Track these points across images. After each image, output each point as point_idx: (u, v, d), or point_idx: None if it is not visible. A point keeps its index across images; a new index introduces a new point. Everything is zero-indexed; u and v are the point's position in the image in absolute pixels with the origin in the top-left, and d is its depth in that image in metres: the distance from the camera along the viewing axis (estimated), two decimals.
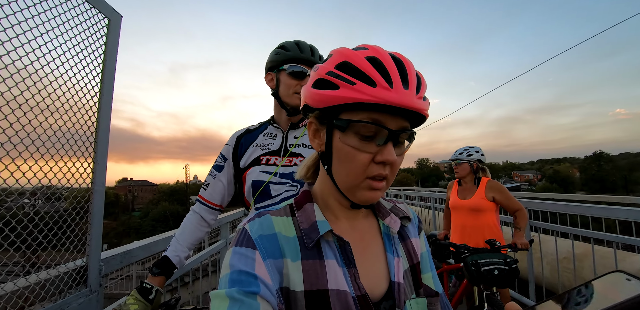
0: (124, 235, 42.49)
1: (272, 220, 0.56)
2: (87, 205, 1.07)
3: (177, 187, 68.63)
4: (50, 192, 1.00)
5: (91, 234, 1.08)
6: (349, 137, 0.51)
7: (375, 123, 0.49)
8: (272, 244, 0.52)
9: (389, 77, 0.48)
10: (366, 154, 0.50)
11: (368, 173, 0.51)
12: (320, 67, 0.53)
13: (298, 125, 1.23)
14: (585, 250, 3.26)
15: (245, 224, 0.56)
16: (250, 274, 0.47)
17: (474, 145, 2.69)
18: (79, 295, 1.04)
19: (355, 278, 0.54)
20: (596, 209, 2.65)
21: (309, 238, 0.54)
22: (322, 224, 0.55)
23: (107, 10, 1.14)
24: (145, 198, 67.61)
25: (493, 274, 1.90)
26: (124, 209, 59.37)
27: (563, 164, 75.95)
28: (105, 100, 1.16)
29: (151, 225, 44.07)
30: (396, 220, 0.64)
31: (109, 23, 1.16)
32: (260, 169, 1.17)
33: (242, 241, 0.52)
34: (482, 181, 2.58)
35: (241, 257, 0.50)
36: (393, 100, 0.47)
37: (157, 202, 55.64)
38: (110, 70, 1.17)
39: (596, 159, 57.01)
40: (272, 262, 0.51)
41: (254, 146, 1.23)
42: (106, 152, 1.14)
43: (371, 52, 0.51)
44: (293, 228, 0.56)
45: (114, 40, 1.18)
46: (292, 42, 1.17)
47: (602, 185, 51.56)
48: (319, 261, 0.53)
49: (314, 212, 0.57)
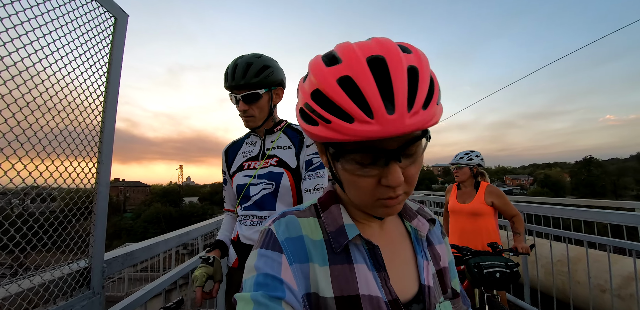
0: (115, 236, 41.82)
1: (299, 222, 0.55)
2: (91, 206, 1.06)
3: (170, 188, 67.93)
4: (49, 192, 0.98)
5: (95, 235, 1.06)
6: (348, 163, 0.47)
7: (368, 150, 0.44)
8: (298, 247, 0.51)
9: (366, 104, 0.41)
10: (369, 178, 0.46)
11: (377, 196, 0.47)
12: (302, 91, 0.48)
13: (273, 131, 1.37)
14: (578, 254, 3.31)
15: (270, 225, 0.54)
16: (277, 278, 0.46)
17: (474, 150, 2.70)
18: (82, 297, 1.02)
19: (386, 282, 0.52)
20: (589, 213, 2.69)
21: (336, 242, 0.52)
22: (350, 227, 0.53)
23: (114, 9, 1.13)
24: (138, 199, 66.79)
25: (495, 277, 1.93)
26: (116, 210, 58.45)
27: (554, 168, 76.92)
28: (111, 99, 1.15)
29: (143, 226, 43.46)
30: (424, 223, 0.62)
31: (116, 22, 1.15)
32: (242, 174, 1.33)
33: (268, 243, 0.51)
34: (482, 186, 2.60)
35: (267, 260, 0.49)
36: (375, 135, 0.40)
37: (149, 203, 54.91)
38: (116, 69, 1.16)
39: (586, 164, 57.85)
40: (298, 267, 0.49)
41: (239, 154, 1.39)
42: (111, 153, 1.13)
43: (343, 67, 0.43)
44: (320, 230, 0.54)
45: (120, 40, 1.17)
46: (226, 69, 1.26)
47: (592, 190, 52.30)
48: (348, 266, 0.51)
49: (340, 215, 0.55)
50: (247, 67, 1.21)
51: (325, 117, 0.43)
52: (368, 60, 0.43)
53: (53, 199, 0.95)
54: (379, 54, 0.43)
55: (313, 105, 0.45)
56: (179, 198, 60.48)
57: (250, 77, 1.20)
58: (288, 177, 1.26)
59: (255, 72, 1.22)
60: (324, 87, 0.43)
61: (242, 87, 1.21)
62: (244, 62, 1.22)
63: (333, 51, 0.47)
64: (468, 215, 2.58)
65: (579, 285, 3.31)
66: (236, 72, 1.21)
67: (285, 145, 1.32)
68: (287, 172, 1.27)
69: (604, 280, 3.02)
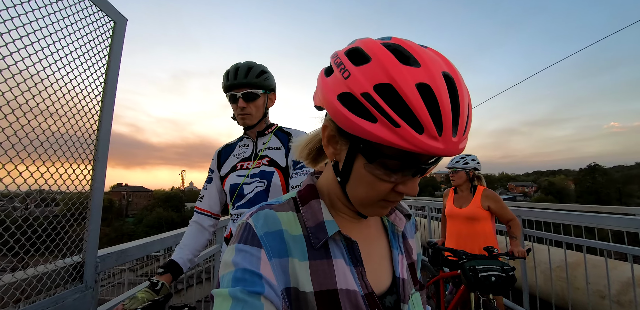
0: (116, 241, 41.72)
1: (277, 216, 0.54)
2: (87, 201, 1.09)
3: (173, 193, 68.02)
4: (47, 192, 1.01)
5: (89, 230, 1.09)
6: (376, 166, 0.46)
7: (407, 160, 0.44)
8: (277, 242, 0.51)
9: (440, 120, 0.40)
10: (389, 183, 0.47)
11: (385, 198, 0.49)
12: (353, 76, 0.43)
13: (264, 133, 1.44)
14: (577, 259, 3.28)
15: (248, 219, 0.53)
16: (255, 273, 0.46)
17: (470, 154, 2.72)
18: (75, 290, 1.04)
19: (363, 276, 0.53)
20: (587, 217, 2.68)
21: (316, 238, 0.52)
22: (330, 224, 0.54)
23: (113, 13, 1.17)
24: (140, 204, 66.84)
25: (490, 281, 1.92)
26: (118, 215, 58.51)
27: (558, 176, 76.30)
28: (108, 104, 1.18)
29: (145, 231, 43.39)
30: (401, 218, 0.64)
31: (115, 26, 1.20)
32: (236, 174, 1.37)
33: (247, 238, 0.50)
34: (478, 190, 2.61)
35: (246, 255, 0.48)
36: (437, 152, 0.40)
37: (151, 208, 54.98)
38: (113, 73, 1.20)
39: (591, 172, 57.33)
40: (277, 262, 0.49)
41: (232, 156, 1.45)
42: (106, 152, 1.17)
43: (424, 73, 0.41)
44: (299, 225, 0.54)
45: (118, 44, 1.21)
46: (225, 72, 1.36)
47: (596, 198, 51.71)
48: (326, 261, 0.52)
49: (320, 211, 0.55)
50: (249, 69, 1.33)
51: (393, 118, 0.40)
52: (443, 75, 0.42)
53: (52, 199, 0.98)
54: (447, 72, 0.43)
55: (378, 99, 0.41)
56: (181, 203, 60.49)
57: (252, 78, 1.32)
58: (279, 175, 1.33)
59: (255, 74, 1.33)
60: (401, 86, 0.40)
61: (244, 85, 1.31)
62: (246, 65, 1.34)
63: (399, 47, 0.44)
64: (465, 219, 2.58)
65: (578, 291, 3.28)
66: (238, 72, 1.32)
67: (275, 146, 1.40)
68: (277, 170, 1.33)
69: (603, 286, 2.99)
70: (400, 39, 0.46)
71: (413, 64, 0.42)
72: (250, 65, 1.34)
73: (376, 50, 0.44)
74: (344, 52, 0.48)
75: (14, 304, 0.83)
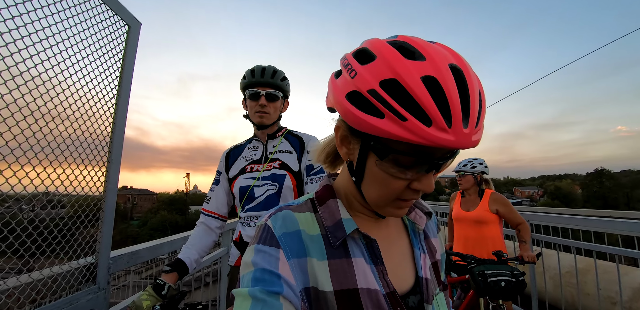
0: (121, 244, 41.86)
1: (295, 216, 0.54)
2: (100, 203, 1.10)
3: (177, 196, 68.27)
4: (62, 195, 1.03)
5: (102, 232, 1.10)
6: (388, 163, 0.46)
7: (419, 156, 0.43)
8: (296, 242, 0.51)
9: (448, 111, 0.40)
10: (403, 181, 0.47)
11: (400, 196, 0.49)
12: (359, 75, 0.44)
13: (275, 136, 1.44)
14: (587, 265, 3.23)
15: (267, 220, 0.54)
16: (274, 273, 0.46)
17: (477, 157, 2.70)
18: (88, 291, 1.05)
19: (384, 275, 0.53)
20: (596, 222, 2.64)
21: (334, 237, 0.52)
22: (347, 222, 0.53)
23: (127, 17, 1.19)
24: (145, 207, 67.19)
25: (500, 286, 1.89)
26: (123, 218, 58.81)
27: (564, 180, 75.51)
28: (122, 107, 1.20)
29: (149, 234, 43.54)
30: (422, 216, 0.63)
31: (129, 30, 1.21)
32: (245, 176, 1.37)
33: (265, 239, 0.51)
34: (486, 193, 2.59)
35: (265, 256, 0.48)
36: (448, 144, 0.40)
37: (156, 211, 55.17)
38: (127, 76, 1.22)
39: (598, 176, 56.70)
40: (296, 262, 0.49)
41: (241, 158, 1.44)
42: (120, 154, 1.18)
43: (429, 66, 0.41)
44: (317, 225, 0.54)
45: (132, 47, 1.23)
46: (249, 69, 1.38)
47: (604, 203, 51.03)
48: (346, 260, 0.52)
49: (338, 210, 0.55)
50: (274, 72, 1.37)
51: (399, 112, 0.40)
52: (450, 67, 0.42)
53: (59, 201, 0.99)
54: (455, 64, 0.42)
55: (384, 95, 0.41)
56: (185, 206, 60.68)
57: (277, 79, 1.36)
58: (291, 179, 1.33)
59: (280, 77, 1.38)
60: (406, 80, 0.40)
61: (269, 85, 1.35)
62: (272, 67, 1.38)
63: (404, 43, 0.44)
64: (472, 223, 2.56)
65: (589, 297, 3.23)
66: (265, 72, 1.35)
67: (287, 150, 1.40)
68: (289, 174, 1.33)
69: (614, 292, 2.94)
70: (407, 36, 0.46)
71: (418, 58, 0.42)
72: (275, 69, 1.39)
73: (381, 48, 0.44)
74: (352, 53, 0.48)
75: (29, 304, 0.84)
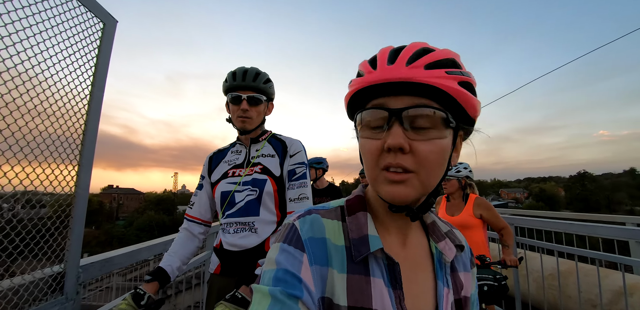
0: (106, 244, 41.08)
1: (323, 222, 0.54)
2: (69, 209, 1.04)
3: (165, 196, 67.20)
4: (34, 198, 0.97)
5: (71, 239, 1.04)
6: (364, 129, 0.50)
7: (373, 107, 0.49)
8: (320, 249, 0.50)
9: (375, 62, 0.49)
10: (375, 141, 0.48)
11: (380, 164, 0.48)
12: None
13: (258, 140, 1.40)
14: (569, 268, 3.28)
15: (295, 220, 0.53)
16: (296, 276, 0.46)
17: (462, 162, 2.71)
18: (55, 303, 0.99)
19: (401, 301, 0.50)
20: (579, 227, 2.68)
21: (357, 251, 0.51)
22: (373, 239, 0.51)
23: (102, 14, 1.14)
24: (131, 207, 65.99)
25: (482, 290, 1.90)
26: (108, 218, 57.61)
27: (549, 182, 77.24)
28: (95, 104, 1.15)
29: (135, 234, 42.79)
30: (451, 247, 0.58)
31: (104, 27, 1.17)
32: (227, 181, 1.33)
33: (292, 239, 0.50)
34: (470, 198, 2.60)
35: (289, 256, 0.48)
36: (373, 78, 0.47)
37: (142, 211, 54.24)
38: (101, 75, 1.17)
39: (580, 179, 58.22)
40: (318, 269, 0.49)
41: (224, 162, 1.40)
42: (92, 156, 1.12)
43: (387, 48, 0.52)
44: (342, 235, 0.53)
45: (107, 45, 1.18)
46: (231, 72, 1.34)
47: (586, 205, 52.45)
48: (365, 277, 0.50)
49: (366, 224, 0.54)
50: (257, 74, 1.31)
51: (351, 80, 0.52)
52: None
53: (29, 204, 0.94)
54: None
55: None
56: (173, 206, 59.77)
57: (259, 82, 1.31)
58: (271, 183, 1.29)
59: (263, 80, 1.32)
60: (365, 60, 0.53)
61: (250, 88, 1.30)
62: (254, 70, 1.33)
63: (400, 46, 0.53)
64: (457, 227, 2.56)
65: (570, 299, 3.28)
66: (247, 74, 1.30)
67: (269, 154, 1.36)
68: (270, 179, 1.29)
69: (594, 294, 2.99)
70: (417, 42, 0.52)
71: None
72: (258, 71, 1.33)
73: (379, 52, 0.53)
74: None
75: None
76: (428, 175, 0.47)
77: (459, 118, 0.50)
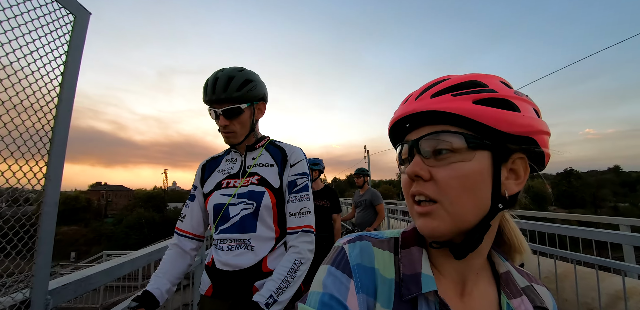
0: (94, 242, 40.42)
1: (374, 251, 0.51)
2: (35, 228, 0.91)
3: (155, 193, 66.25)
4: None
5: (36, 263, 0.91)
6: (399, 165, 0.53)
7: (397, 144, 0.53)
8: (368, 278, 0.48)
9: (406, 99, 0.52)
10: (404, 175, 0.49)
11: (410, 191, 0.48)
12: None
13: (254, 147, 1.28)
14: (565, 270, 3.27)
15: (345, 244, 0.52)
16: (341, 303, 0.44)
17: None
18: None
19: None
20: (576, 231, 2.69)
21: (407, 289, 0.46)
22: (427, 279, 0.46)
23: (72, 6, 1.02)
24: (120, 204, 64.90)
25: None
26: (96, 215, 56.58)
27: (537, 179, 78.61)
28: (66, 100, 1.02)
29: (124, 232, 42.13)
30: (528, 307, 0.49)
31: (75, 20, 1.04)
32: (220, 192, 1.21)
33: (340, 263, 0.49)
34: None
35: (335, 281, 0.47)
36: (399, 113, 0.49)
37: (132, 208, 53.36)
38: (73, 69, 1.04)
39: (566, 176, 59.37)
40: (364, 298, 0.46)
41: (217, 171, 1.28)
42: (62, 166, 0.99)
43: None
44: (392, 268, 0.50)
45: (79, 38, 1.05)
46: (205, 82, 1.19)
47: (572, 201, 53.59)
48: None
49: (420, 261, 0.49)
50: (229, 80, 1.14)
51: None
52: None
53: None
54: None
55: None
56: (163, 203, 59.01)
57: (232, 91, 1.14)
58: (270, 196, 1.16)
59: (237, 86, 1.15)
60: None
61: (223, 101, 1.14)
62: (225, 76, 1.15)
63: None
64: None
65: (567, 303, 3.26)
66: (217, 85, 1.14)
67: (267, 163, 1.23)
68: (268, 191, 1.17)
69: (591, 298, 2.97)
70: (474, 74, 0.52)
71: None
72: (230, 75, 1.15)
73: None
74: None
75: None
76: (452, 203, 0.44)
77: (492, 137, 0.45)
